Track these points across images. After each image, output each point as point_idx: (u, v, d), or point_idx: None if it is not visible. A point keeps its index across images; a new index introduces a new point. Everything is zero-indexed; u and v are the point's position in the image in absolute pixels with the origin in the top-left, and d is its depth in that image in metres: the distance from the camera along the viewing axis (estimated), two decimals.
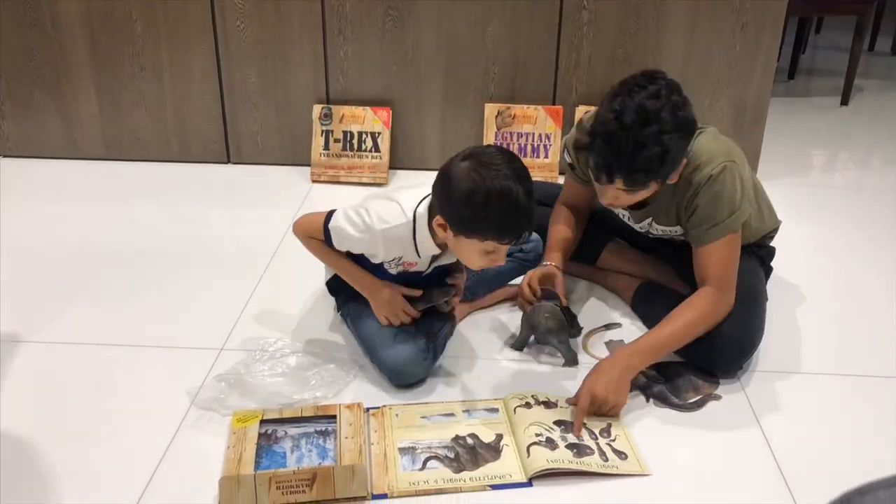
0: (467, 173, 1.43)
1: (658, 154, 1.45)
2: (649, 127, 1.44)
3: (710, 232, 1.62)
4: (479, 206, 1.42)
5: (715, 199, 1.60)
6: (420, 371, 1.64)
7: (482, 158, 1.45)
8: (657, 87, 1.47)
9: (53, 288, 2.02)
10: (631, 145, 1.44)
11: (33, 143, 2.80)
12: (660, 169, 1.48)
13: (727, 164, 1.61)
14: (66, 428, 1.52)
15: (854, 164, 3.10)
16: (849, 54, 3.51)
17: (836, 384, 1.69)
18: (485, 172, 1.42)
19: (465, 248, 1.50)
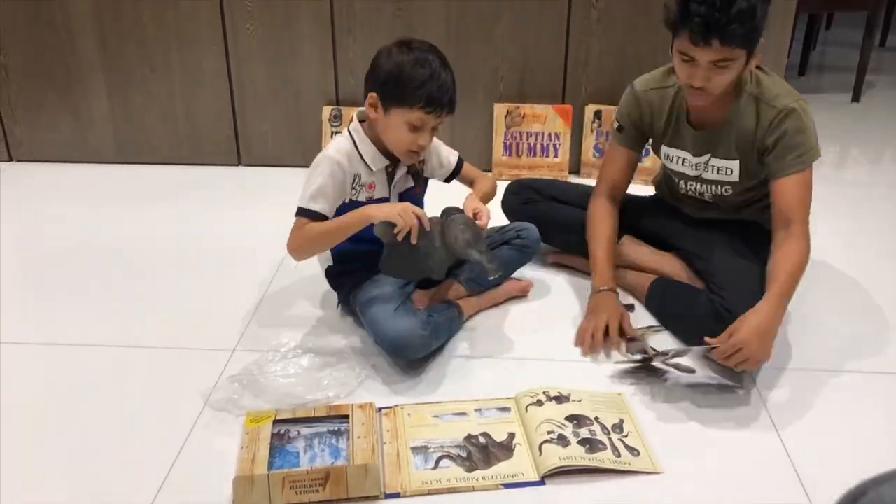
0: (393, 49, 1.64)
1: (749, 8, 1.52)
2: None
3: (796, 161, 1.67)
4: (408, 75, 1.60)
5: (801, 127, 1.66)
6: (419, 344, 1.65)
7: (405, 41, 1.66)
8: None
9: (66, 290, 2.03)
10: (725, 1, 1.51)
11: (45, 146, 2.82)
12: (751, 25, 1.53)
13: (807, 103, 1.69)
14: (80, 429, 1.53)
15: (866, 160, 3.09)
16: (860, 50, 3.49)
17: (849, 381, 1.68)
18: (411, 49, 1.63)
19: (394, 125, 1.65)
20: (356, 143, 1.72)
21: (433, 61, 1.62)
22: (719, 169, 1.78)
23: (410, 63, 1.61)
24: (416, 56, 1.62)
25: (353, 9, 2.57)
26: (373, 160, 1.72)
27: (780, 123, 1.66)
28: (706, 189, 1.84)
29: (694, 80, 1.63)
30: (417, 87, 1.60)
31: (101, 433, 1.52)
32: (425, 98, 1.61)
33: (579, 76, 2.64)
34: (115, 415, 1.57)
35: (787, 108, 1.66)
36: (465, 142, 2.71)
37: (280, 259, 2.17)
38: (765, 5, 1.56)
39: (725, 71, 1.60)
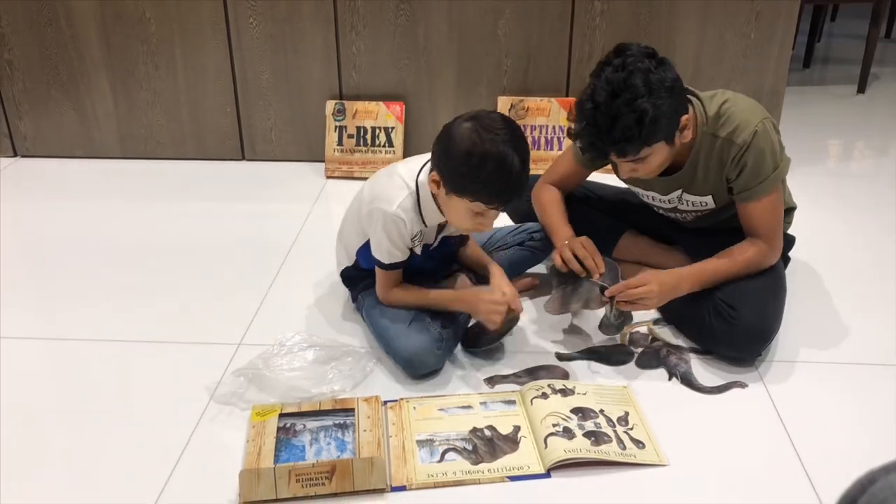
0: (468, 134, 1.50)
1: (634, 119, 1.48)
2: (619, 98, 1.48)
3: (759, 188, 1.66)
4: (475, 167, 1.48)
5: (761, 155, 1.64)
6: (433, 361, 1.64)
7: (484, 122, 1.51)
8: (622, 59, 1.51)
9: (71, 285, 2.03)
10: (607, 120, 1.49)
11: (50, 142, 2.83)
12: (642, 132, 1.50)
13: (765, 119, 1.65)
14: (87, 423, 1.54)
15: (871, 152, 3.08)
16: (865, 42, 3.48)
17: (855, 373, 1.68)
18: (485, 135, 1.48)
19: (455, 206, 1.56)
20: (419, 200, 1.62)
21: (505, 151, 1.47)
22: (693, 202, 1.78)
23: (480, 154, 1.47)
24: (488, 145, 1.47)
25: (356, 3, 2.57)
26: (431, 218, 1.65)
27: (741, 157, 1.63)
28: (685, 216, 1.84)
29: (620, 174, 1.66)
30: (484, 184, 1.49)
31: (107, 427, 1.52)
32: (490, 194, 1.51)
33: (583, 69, 2.63)
34: (121, 409, 1.57)
35: (745, 142, 1.62)
36: None
37: (284, 254, 2.17)
38: (664, 99, 1.49)
39: (649, 161, 1.58)
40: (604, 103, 1.49)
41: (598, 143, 1.53)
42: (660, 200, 1.82)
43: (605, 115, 1.49)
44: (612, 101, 1.48)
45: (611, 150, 1.55)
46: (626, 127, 1.48)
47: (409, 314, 1.68)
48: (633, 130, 1.49)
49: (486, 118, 1.52)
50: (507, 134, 1.49)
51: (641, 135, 1.50)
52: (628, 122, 1.48)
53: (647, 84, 1.48)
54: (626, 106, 1.47)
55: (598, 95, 1.50)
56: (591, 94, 1.51)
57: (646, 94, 1.48)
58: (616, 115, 1.48)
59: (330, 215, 2.44)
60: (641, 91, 1.48)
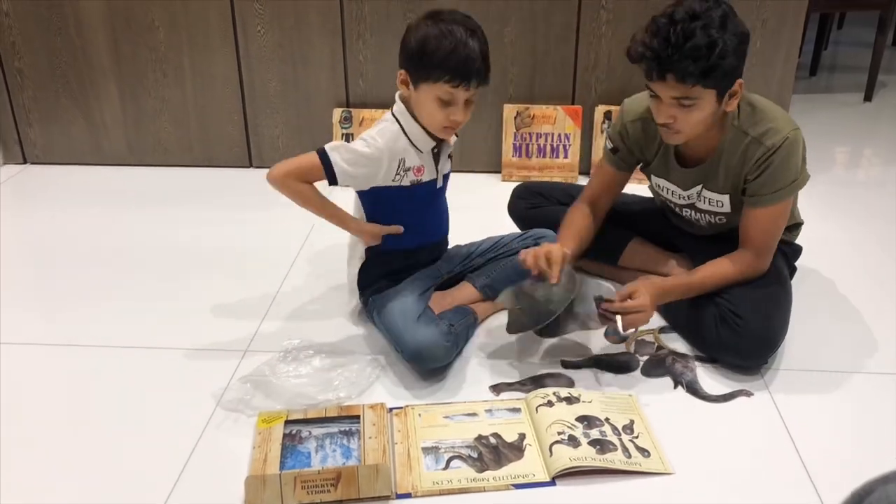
0: (424, 25, 1.61)
1: (706, 44, 1.49)
2: (697, 21, 1.50)
3: (771, 196, 1.67)
4: (432, 49, 1.57)
5: (784, 164, 1.64)
6: (441, 354, 1.64)
7: (438, 14, 1.62)
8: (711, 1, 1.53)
9: (79, 292, 2.05)
10: (680, 36, 1.49)
11: (59, 149, 2.85)
12: (710, 59, 1.50)
13: (797, 130, 1.66)
14: (93, 430, 1.54)
15: (878, 160, 3.07)
16: (872, 49, 3.47)
17: (860, 382, 1.68)
18: (438, 22, 1.60)
19: (424, 100, 1.62)
20: (402, 126, 1.68)
21: (458, 31, 1.58)
22: (710, 200, 1.77)
23: (435, 35, 1.58)
24: (441, 28, 1.58)
25: (363, 12, 2.59)
26: (421, 142, 1.70)
27: (766, 160, 1.63)
28: (700, 216, 1.83)
29: (659, 117, 1.63)
30: (441, 60, 1.57)
31: (114, 433, 1.53)
32: (449, 70, 1.57)
33: (589, 77, 2.64)
34: (127, 415, 1.58)
35: (774, 146, 1.62)
36: (475, 143, 2.72)
37: (291, 261, 2.18)
38: (733, 42, 1.52)
39: (692, 110, 1.58)
40: (681, 21, 1.50)
41: (662, 56, 1.51)
42: (679, 196, 1.82)
43: (680, 32, 1.49)
44: (690, 22, 1.50)
45: (671, 68, 1.52)
46: (696, 47, 1.49)
47: (418, 309, 1.70)
48: (703, 52, 1.49)
49: (441, 12, 1.63)
50: (459, 17, 1.61)
51: (709, 61, 1.51)
52: (699, 44, 1.49)
53: (723, 23, 1.51)
54: (702, 30, 1.49)
55: (677, 14, 1.51)
56: (670, 13, 1.52)
57: (720, 27, 1.50)
58: (690, 35, 1.49)
59: None
60: (717, 24, 1.50)
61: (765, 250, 1.72)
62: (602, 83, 2.64)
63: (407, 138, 1.68)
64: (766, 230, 1.71)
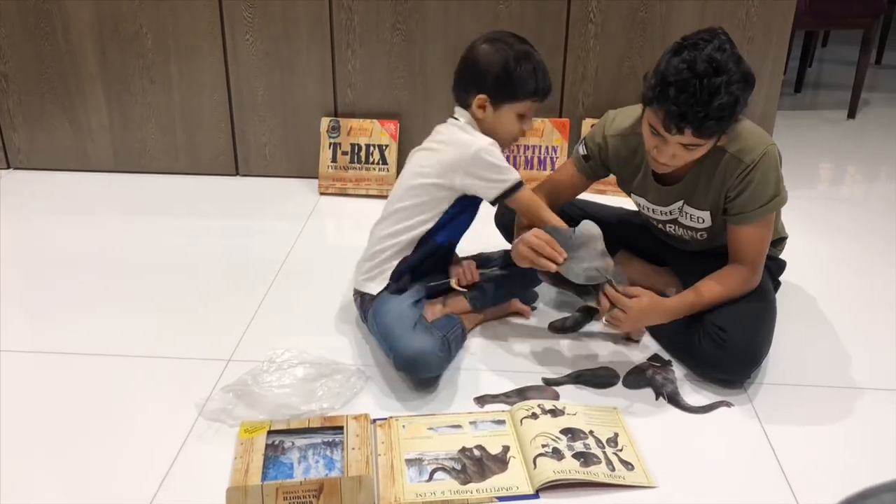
0: (494, 50, 1.73)
1: (729, 103, 1.48)
2: (720, 76, 1.47)
3: (755, 213, 1.67)
4: (515, 70, 1.71)
5: (764, 180, 1.65)
6: (434, 363, 1.64)
7: (495, 38, 1.76)
8: (720, 41, 1.50)
9: (62, 299, 2.03)
10: (705, 94, 1.46)
11: (44, 155, 2.83)
12: (729, 119, 1.51)
13: (773, 145, 1.67)
14: (74, 439, 1.53)
15: (862, 177, 3.10)
16: (855, 67, 3.51)
17: (843, 397, 1.69)
18: (505, 46, 1.73)
19: (504, 117, 1.75)
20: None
21: (531, 51, 1.73)
22: (692, 216, 1.78)
23: (515, 59, 1.71)
24: (516, 51, 1.72)
25: (353, 21, 2.59)
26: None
27: (746, 177, 1.64)
28: (683, 232, 1.84)
29: (660, 156, 1.61)
30: (528, 82, 1.72)
31: (94, 443, 1.51)
32: (535, 89, 1.73)
33: (577, 90, 2.65)
34: (108, 424, 1.57)
35: (753, 162, 1.63)
36: None
37: (276, 270, 2.17)
38: (747, 93, 1.51)
39: (695, 151, 1.58)
40: (705, 76, 1.46)
41: (688, 114, 1.48)
42: (660, 213, 1.82)
43: (705, 88, 1.46)
44: (714, 77, 1.46)
45: (693, 126, 1.49)
46: (721, 107, 1.47)
47: (414, 316, 1.70)
48: (726, 112, 1.48)
49: (494, 35, 1.77)
50: (516, 38, 1.76)
51: (730, 119, 1.51)
52: (724, 103, 1.47)
53: (741, 72, 1.49)
54: (725, 87, 1.46)
55: (698, 66, 1.46)
56: (691, 64, 1.47)
57: (739, 80, 1.49)
58: (716, 92, 1.46)
59: (323, 232, 2.44)
60: (737, 77, 1.49)
61: (757, 265, 1.73)
62: (589, 97, 2.66)
63: None
64: (755, 248, 1.71)
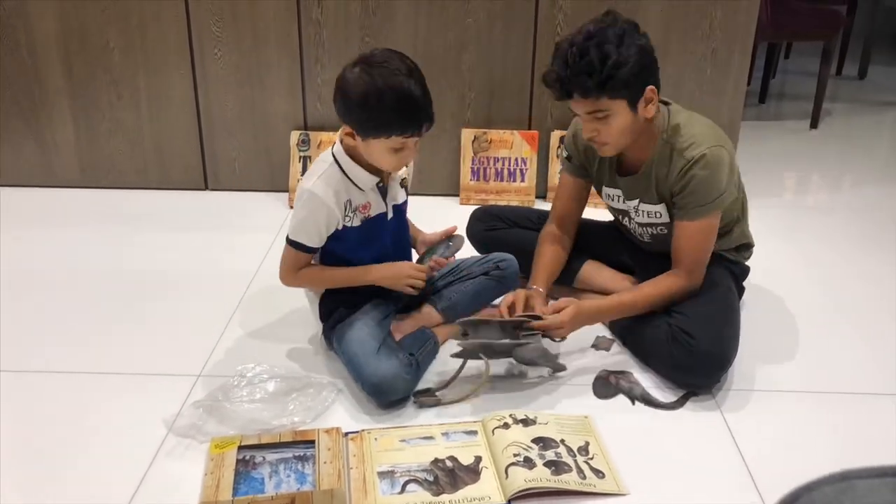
0: (359, 76, 1.55)
1: (599, 59, 1.57)
2: (592, 39, 1.59)
3: (695, 210, 1.72)
4: (375, 106, 1.53)
5: (707, 178, 1.69)
6: (402, 387, 1.64)
7: (370, 60, 1.56)
8: (606, 18, 1.63)
9: (28, 315, 2.00)
10: (576, 55, 1.59)
11: (8, 170, 2.79)
12: (604, 71, 1.58)
13: (721, 147, 1.71)
14: (41, 456, 1.50)
15: (825, 185, 3.16)
16: (817, 79, 3.59)
17: (808, 401, 1.72)
18: (374, 72, 1.54)
19: (375, 150, 1.61)
20: (343, 169, 1.66)
21: (398, 80, 1.53)
22: (649, 213, 1.83)
23: (376, 90, 1.52)
24: (380, 81, 1.52)
25: (322, 36, 2.60)
26: (363, 181, 1.68)
27: (687, 172, 1.69)
28: (644, 231, 1.88)
29: (585, 133, 1.72)
30: (390, 117, 1.54)
31: (62, 460, 1.49)
32: (400, 126, 1.55)
33: (545, 103, 2.68)
34: (76, 441, 1.54)
35: (694, 158, 1.68)
36: (434, 167, 2.74)
37: (246, 284, 2.16)
38: (630, 52, 1.59)
39: (609, 121, 1.65)
40: (578, 43, 1.59)
41: (563, 76, 1.61)
42: (623, 203, 1.87)
43: (575, 52, 1.59)
44: (584, 42, 1.59)
45: (573, 86, 1.61)
46: (589, 62, 1.58)
47: (378, 341, 1.68)
48: (596, 67, 1.57)
49: (371, 57, 1.57)
50: (396, 63, 1.55)
51: (602, 73, 1.58)
52: (592, 59, 1.57)
53: (620, 37, 1.59)
54: (595, 47, 1.58)
55: (575, 38, 1.61)
56: (570, 38, 1.62)
57: (616, 43, 1.59)
58: (584, 52, 1.58)
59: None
60: (612, 40, 1.59)
61: (696, 267, 1.77)
62: (558, 108, 2.68)
63: (349, 180, 1.67)
64: (695, 246, 1.76)
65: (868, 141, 3.61)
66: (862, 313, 2.09)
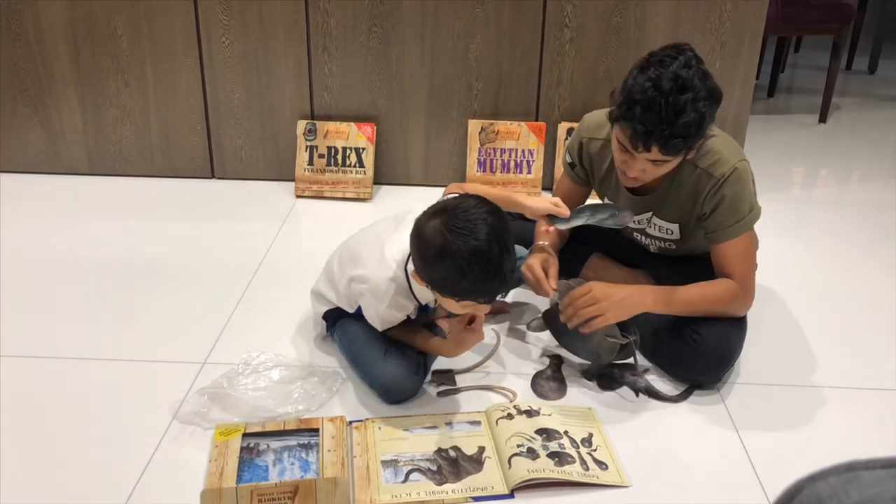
0: (438, 233, 1.39)
1: (695, 120, 1.48)
2: (686, 94, 1.46)
3: (733, 228, 1.65)
4: (452, 272, 1.38)
5: (738, 195, 1.63)
6: (411, 386, 1.64)
7: (452, 214, 1.40)
8: (686, 57, 1.50)
9: (35, 302, 2.01)
10: (671, 112, 1.46)
11: (16, 157, 2.79)
12: (696, 135, 1.51)
13: (744, 161, 1.66)
14: (47, 443, 1.51)
15: (833, 179, 3.15)
16: (826, 73, 3.57)
17: (815, 396, 1.71)
18: (457, 233, 1.37)
19: (445, 302, 1.50)
20: (411, 287, 1.57)
21: (480, 248, 1.36)
22: (660, 228, 1.78)
23: (453, 258, 1.36)
24: (458, 246, 1.36)
25: (329, 25, 2.59)
26: (424, 297, 1.60)
27: (718, 191, 1.62)
28: (651, 242, 1.85)
29: (628, 171, 1.60)
30: (464, 287, 1.41)
31: (67, 446, 1.50)
32: (474, 296, 1.44)
33: (552, 94, 2.67)
34: (82, 428, 1.55)
35: (724, 175, 1.61)
36: (440, 157, 2.73)
37: (252, 273, 2.16)
38: (713, 109, 1.51)
39: (663, 167, 1.58)
40: (670, 93, 1.45)
41: (654, 131, 1.47)
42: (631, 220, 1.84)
43: (670, 106, 1.45)
44: (679, 95, 1.46)
45: (659, 143, 1.49)
46: (686, 124, 1.47)
47: (385, 341, 1.66)
48: (692, 130, 1.48)
49: (454, 209, 1.40)
50: (481, 224, 1.37)
51: (695, 137, 1.51)
52: (689, 121, 1.47)
53: (707, 88, 1.49)
54: (691, 104, 1.46)
55: (664, 84, 1.46)
56: (656, 82, 1.46)
57: (705, 97, 1.48)
58: (681, 110, 1.46)
59: (299, 235, 2.44)
60: (703, 94, 1.48)
61: (748, 283, 1.69)
62: (565, 100, 2.68)
63: (414, 296, 1.59)
64: (742, 262, 1.68)
65: (877, 136, 3.59)
66: (869, 307, 2.08)
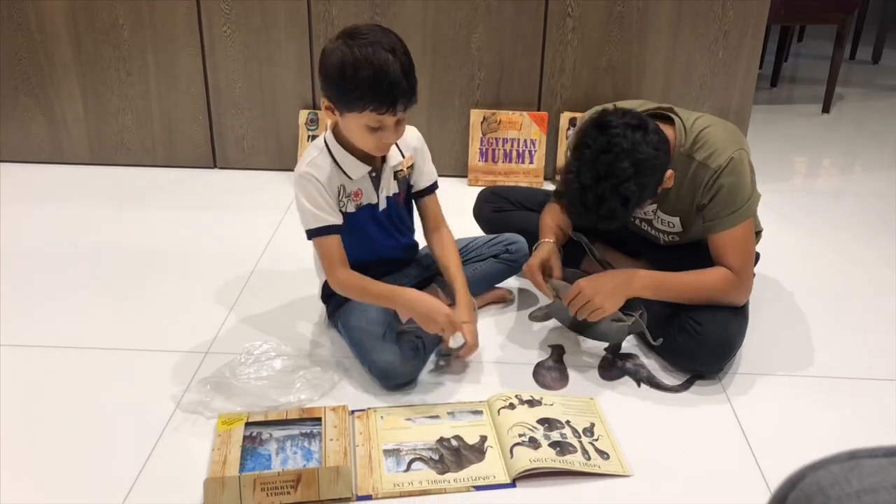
0: (338, 48, 1.50)
1: (620, 202, 1.51)
2: (605, 182, 1.49)
3: (730, 218, 1.66)
4: (351, 76, 1.47)
5: (734, 185, 1.64)
6: (409, 371, 1.64)
7: (351, 32, 1.51)
8: (606, 137, 1.51)
9: (37, 292, 2.01)
10: (593, 201, 1.51)
11: (17, 146, 2.79)
12: (628, 210, 1.53)
13: (741, 150, 1.67)
14: (51, 431, 1.52)
15: (836, 170, 3.14)
16: (830, 63, 3.56)
17: (817, 386, 1.71)
18: (352, 43, 1.48)
19: (352, 127, 1.56)
20: (332, 154, 1.62)
21: (378, 54, 1.46)
22: (664, 221, 1.79)
23: (352, 62, 1.46)
24: (358, 51, 1.46)
25: (331, 14, 2.58)
26: (353, 169, 1.63)
27: (715, 182, 1.63)
28: (658, 235, 1.85)
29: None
30: (362, 91, 1.47)
31: (71, 435, 1.51)
32: (373, 100, 1.48)
33: (555, 84, 2.66)
34: (85, 417, 1.56)
35: (720, 167, 1.62)
36: (442, 147, 2.73)
37: (254, 262, 2.16)
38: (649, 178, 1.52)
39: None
40: (590, 186, 1.50)
41: (586, 217, 1.56)
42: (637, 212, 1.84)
43: (592, 197, 1.50)
44: (597, 185, 1.49)
45: (598, 223, 1.56)
46: (611, 209, 1.51)
47: (383, 325, 1.67)
48: (619, 211, 1.52)
49: (353, 29, 1.52)
50: (376, 35, 1.49)
51: (627, 212, 1.54)
52: (613, 206, 1.51)
53: (634, 164, 1.49)
54: (611, 191, 1.49)
55: (583, 177, 1.50)
56: (577, 174, 1.52)
57: (631, 175, 1.49)
58: (602, 198, 1.50)
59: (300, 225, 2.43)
60: (628, 173, 1.49)
61: (744, 273, 1.69)
62: (567, 90, 2.67)
63: (338, 167, 1.62)
64: (739, 252, 1.68)
65: (880, 126, 3.58)
66: (871, 297, 2.08)
